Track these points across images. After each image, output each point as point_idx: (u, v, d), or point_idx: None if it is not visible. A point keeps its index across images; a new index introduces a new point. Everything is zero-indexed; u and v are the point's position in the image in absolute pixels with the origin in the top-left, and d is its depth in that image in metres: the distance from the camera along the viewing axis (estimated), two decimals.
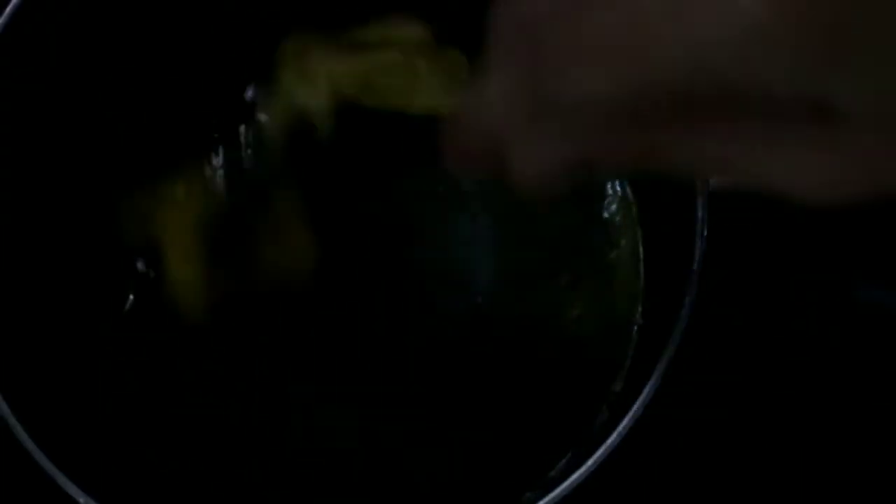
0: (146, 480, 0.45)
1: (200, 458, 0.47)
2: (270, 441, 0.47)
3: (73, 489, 0.39)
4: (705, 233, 0.41)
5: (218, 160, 0.46)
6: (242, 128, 0.45)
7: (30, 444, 0.40)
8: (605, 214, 0.49)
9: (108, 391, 0.47)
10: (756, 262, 0.51)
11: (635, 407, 0.39)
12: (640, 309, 0.48)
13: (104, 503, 0.39)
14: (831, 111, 0.23)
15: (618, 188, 0.49)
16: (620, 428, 0.38)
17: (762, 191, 0.30)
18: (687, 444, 0.49)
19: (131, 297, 0.49)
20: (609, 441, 0.38)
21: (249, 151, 0.46)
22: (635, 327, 0.47)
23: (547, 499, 0.38)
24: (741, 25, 0.22)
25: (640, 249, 0.49)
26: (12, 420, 0.40)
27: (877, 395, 0.50)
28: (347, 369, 0.48)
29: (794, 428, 0.49)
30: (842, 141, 0.24)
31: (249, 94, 0.45)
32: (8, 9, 0.43)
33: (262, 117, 0.45)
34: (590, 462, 0.38)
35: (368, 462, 0.47)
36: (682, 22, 0.23)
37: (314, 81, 0.43)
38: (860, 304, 0.51)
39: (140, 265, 0.49)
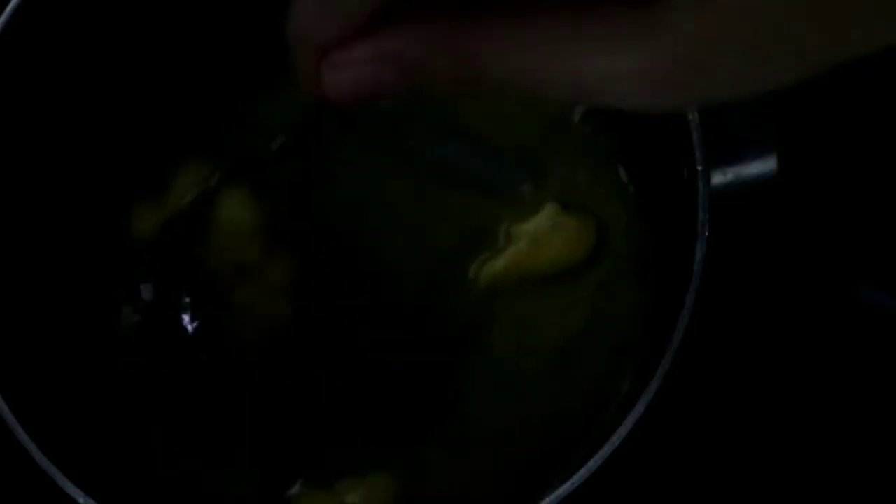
0: (146, 480, 0.45)
1: (200, 459, 0.47)
2: (270, 442, 0.47)
3: (72, 489, 0.39)
4: (706, 234, 0.41)
5: None
6: None
7: (30, 444, 0.40)
8: (605, 214, 0.49)
9: (108, 392, 0.47)
10: (758, 265, 0.51)
11: (637, 408, 0.39)
12: (641, 310, 0.47)
13: (104, 503, 0.39)
14: None
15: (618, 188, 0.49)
16: (622, 429, 0.38)
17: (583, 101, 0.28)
18: (688, 444, 0.49)
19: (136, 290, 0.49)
20: (610, 441, 0.38)
21: None
22: (636, 329, 0.47)
23: (548, 499, 0.38)
24: None
25: (641, 252, 0.49)
26: (12, 420, 0.40)
27: (879, 397, 0.50)
28: (340, 379, 0.48)
29: (795, 430, 0.49)
30: (656, 27, 0.21)
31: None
32: (8, 9, 0.43)
33: None
34: (591, 462, 0.38)
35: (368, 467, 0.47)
36: None
37: None
38: (863, 306, 0.51)
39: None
